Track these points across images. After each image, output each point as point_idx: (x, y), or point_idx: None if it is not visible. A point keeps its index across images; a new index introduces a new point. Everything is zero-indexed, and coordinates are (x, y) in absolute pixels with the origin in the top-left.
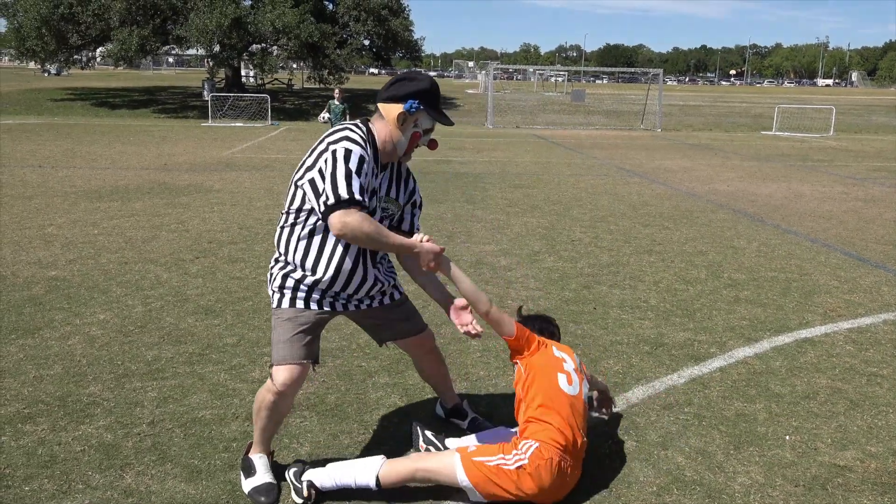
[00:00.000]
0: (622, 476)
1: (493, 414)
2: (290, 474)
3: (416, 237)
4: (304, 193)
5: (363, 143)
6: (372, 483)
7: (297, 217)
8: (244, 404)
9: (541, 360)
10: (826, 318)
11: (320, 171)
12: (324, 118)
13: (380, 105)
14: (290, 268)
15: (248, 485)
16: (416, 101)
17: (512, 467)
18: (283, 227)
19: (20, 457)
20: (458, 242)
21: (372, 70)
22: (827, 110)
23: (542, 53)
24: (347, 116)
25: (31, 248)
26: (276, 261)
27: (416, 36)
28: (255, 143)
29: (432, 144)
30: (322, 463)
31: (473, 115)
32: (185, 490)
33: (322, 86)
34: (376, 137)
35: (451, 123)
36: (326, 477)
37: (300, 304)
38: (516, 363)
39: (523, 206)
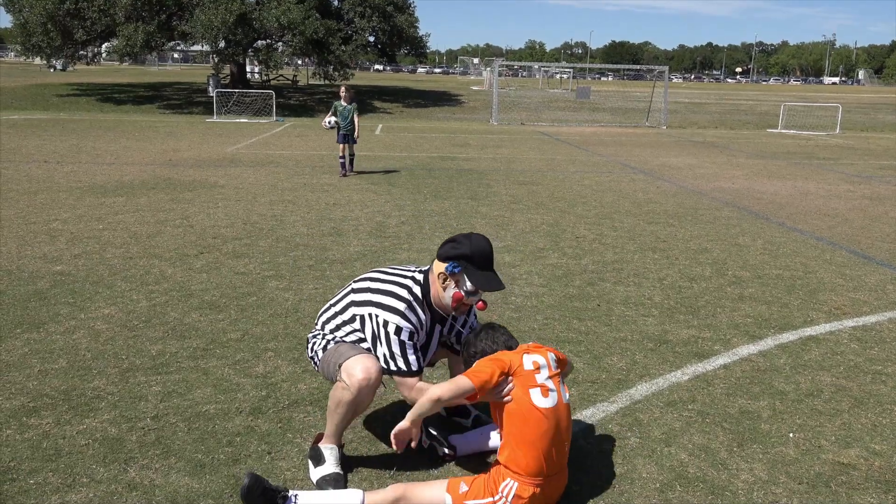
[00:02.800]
0: (625, 473)
1: None
2: None
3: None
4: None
5: (414, 310)
6: None
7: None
8: (248, 399)
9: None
10: (831, 315)
11: (375, 337)
12: (329, 123)
13: (435, 261)
14: (340, 333)
15: (316, 473)
16: (457, 265)
17: None
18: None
19: (25, 450)
20: None
21: (377, 66)
22: (833, 108)
23: (547, 50)
24: (357, 120)
25: (36, 242)
26: (320, 331)
27: (421, 32)
28: (259, 139)
29: (480, 306)
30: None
31: (478, 111)
32: (188, 484)
33: (327, 82)
34: (430, 290)
35: (495, 288)
36: None
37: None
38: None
39: (528, 202)
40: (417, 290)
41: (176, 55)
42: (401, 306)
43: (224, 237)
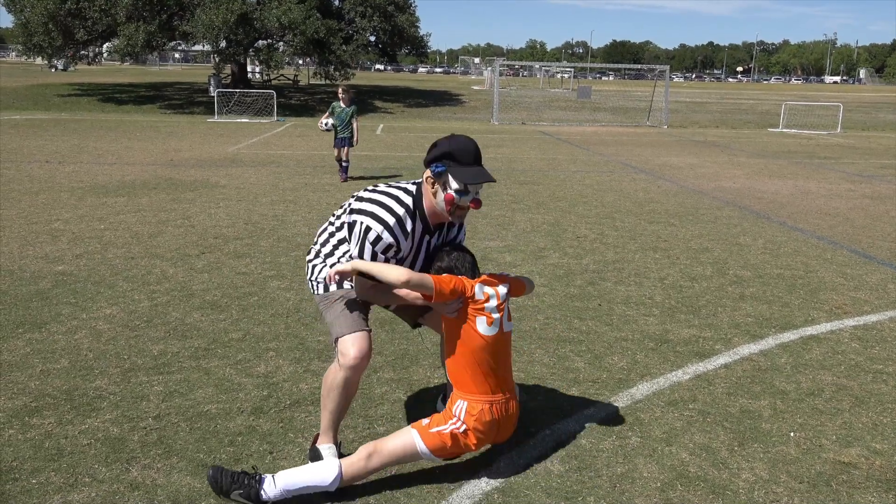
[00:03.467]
0: (626, 472)
1: None
2: (235, 496)
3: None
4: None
5: (402, 223)
6: (330, 480)
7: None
8: (249, 398)
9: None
10: (832, 315)
11: (353, 238)
12: (325, 125)
13: (426, 170)
14: (333, 259)
15: None
16: (439, 164)
17: (460, 430)
18: (331, 227)
19: (27, 450)
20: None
21: (378, 66)
22: (834, 107)
23: (548, 50)
24: (355, 123)
25: (38, 242)
26: (318, 254)
27: (422, 32)
28: (260, 138)
29: (475, 204)
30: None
31: (479, 111)
32: (190, 484)
33: (328, 81)
34: (423, 201)
35: (484, 181)
36: (279, 488)
37: (347, 285)
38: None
39: (529, 202)
40: (409, 200)
41: (177, 55)
42: (389, 220)
43: (225, 237)
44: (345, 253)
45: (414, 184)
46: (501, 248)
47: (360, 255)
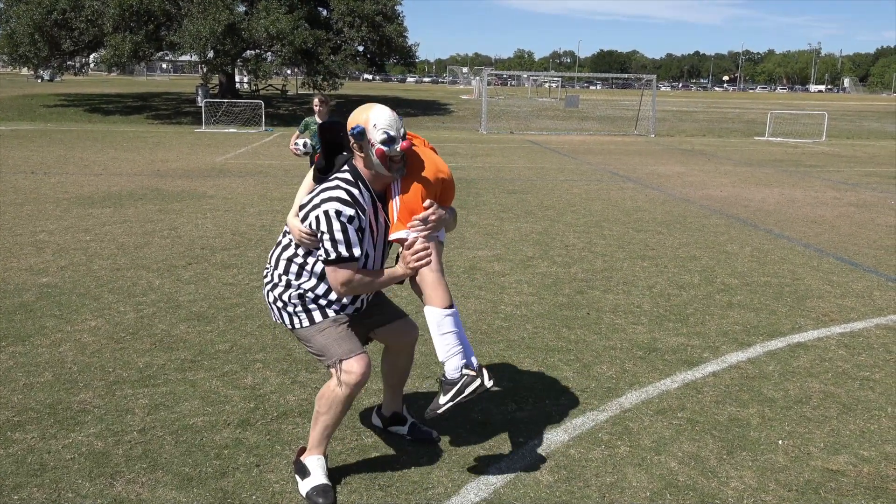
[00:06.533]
0: (615, 482)
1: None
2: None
3: (399, 265)
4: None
5: (352, 194)
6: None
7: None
8: (236, 411)
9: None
10: (819, 322)
11: (316, 226)
12: (300, 148)
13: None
14: (301, 290)
15: (304, 486)
16: (355, 126)
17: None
18: (286, 252)
19: (9, 465)
20: (451, 248)
21: (367, 76)
22: (819, 116)
23: (536, 59)
24: None
25: (22, 254)
26: (281, 280)
27: (410, 42)
28: (248, 148)
29: (405, 146)
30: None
31: (467, 120)
32: (175, 498)
33: (316, 91)
34: (361, 173)
35: (395, 117)
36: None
37: (332, 313)
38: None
39: (517, 211)
40: (348, 175)
41: (164, 65)
42: (344, 195)
43: (212, 248)
44: (313, 266)
45: (346, 169)
46: (490, 258)
47: (344, 243)
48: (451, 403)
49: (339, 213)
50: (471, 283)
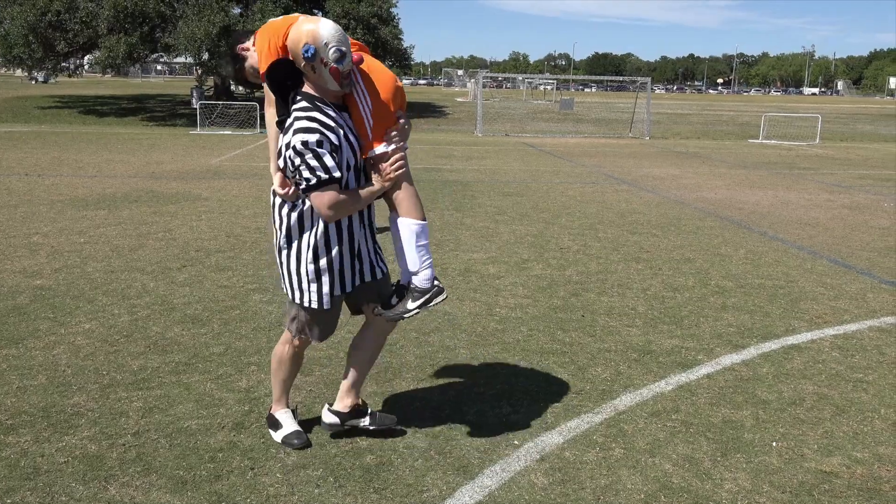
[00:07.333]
0: (610, 484)
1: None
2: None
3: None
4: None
5: (313, 118)
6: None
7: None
8: (230, 414)
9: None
10: (812, 324)
11: (295, 162)
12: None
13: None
14: (303, 256)
15: (278, 435)
16: (307, 47)
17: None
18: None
19: (2, 469)
20: (446, 250)
21: None
22: (813, 118)
23: (531, 62)
24: None
25: (16, 256)
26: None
27: (405, 44)
28: (243, 151)
29: (357, 58)
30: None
31: (463, 122)
32: (170, 501)
33: None
34: (314, 95)
35: (341, 31)
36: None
37: (326, 299)
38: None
39: (512, 213)
40: (303, 103)
41: (159, 67)
42: (302, 125)
43: (207, 250)
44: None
45: (299, 99)
46: (485, 260)
47: (321, 168)
48: (417, 310)
49: (305, 143)
50: (466, 286)
